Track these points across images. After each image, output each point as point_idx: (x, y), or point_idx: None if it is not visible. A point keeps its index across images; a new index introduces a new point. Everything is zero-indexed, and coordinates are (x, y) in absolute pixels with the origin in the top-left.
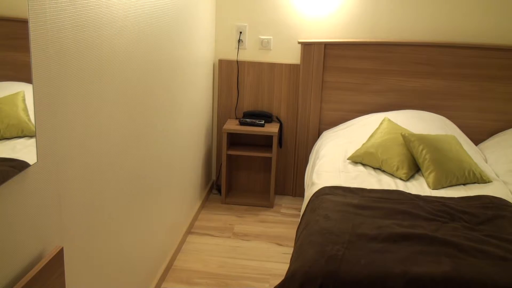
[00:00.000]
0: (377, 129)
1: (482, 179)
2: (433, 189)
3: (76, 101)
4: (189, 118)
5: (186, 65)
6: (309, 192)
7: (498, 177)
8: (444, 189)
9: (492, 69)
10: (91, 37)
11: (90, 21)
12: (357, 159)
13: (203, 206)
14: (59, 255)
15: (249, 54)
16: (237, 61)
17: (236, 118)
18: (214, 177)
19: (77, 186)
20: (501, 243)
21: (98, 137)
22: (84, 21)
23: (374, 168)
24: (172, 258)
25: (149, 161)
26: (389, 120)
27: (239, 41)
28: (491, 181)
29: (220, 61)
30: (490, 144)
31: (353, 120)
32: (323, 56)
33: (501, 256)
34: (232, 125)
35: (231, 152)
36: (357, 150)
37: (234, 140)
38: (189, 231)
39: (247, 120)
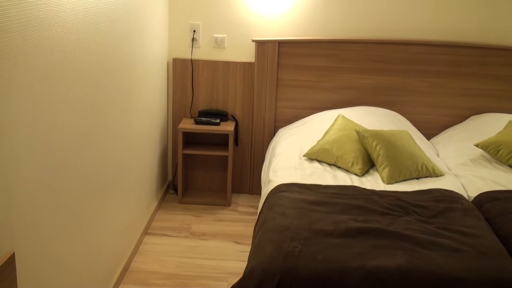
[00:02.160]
0: (332, 125)
1: (434, 173)
2: (387, 184)
3: (23, 102)
4: (144, 117)
5: (139, 64)
6: (265, 190)
7: (449, 170)
8: (398, 183)
9: (442, 65)
10: (40, 36)
11: (39, 20)
12: (313, 156)
13: (159, 206)
14: (11, 260)
15: (203, 52)
16: (191, 59)
17: (192, 117)
18: (170, 177)
19: (27, 187)
20: (453, 235)
21: (48, 138)
22: (32, 20)
23: (330, 165)
24: (129, 259)
25: (102, 162)
26: (343, 116)
27: (193, 39)
28: (443, 175)
29: (174, 60)
30: (442, 138)
31: (308, 117)
32: (277, 54)
33: (454, 247)
34: (188, 124)
35: (187, 152)
36: (312, 147)
37: (190, 139)
38: (145, 232)
39: (202, 119)
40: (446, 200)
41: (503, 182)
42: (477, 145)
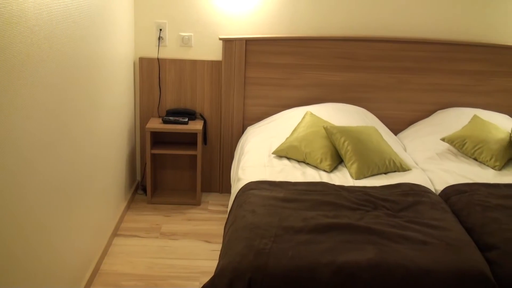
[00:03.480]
0: (300, 123)
1: (402, 168)
2: (356, 179)
3: None
4: (110, 118)
5: (105, 64)
6: (235, 188)
7: (417, 164)
8: (367, 178)
9: (408, 61)
10: (1, 37)
11: (0, 21)
12: (282, 153)
13: (128, 207)
14: None
15: (170, 51)
16: (158, 58)
17: (159, 117)
18: (139, 177)
19: None
20: (421, 228)
21: (13, 140)
22: None
23: (299, 161)
24: (99, 262)
25: (69, 163)
26: (311, 113)
27: (159, 38)
28: (411, 169)
29: (141, 59)
30: (409, 133)
31: (277, 114)
32: (245, 52)
33: (422, 240)
34: (155, 124)
35: (155, 151)
36: (281, 144)
37: (158, 139)
38: (115, 234)
39: (170, 118)
40: (414, 194)
41: (468, 175)
42: (443, 139)
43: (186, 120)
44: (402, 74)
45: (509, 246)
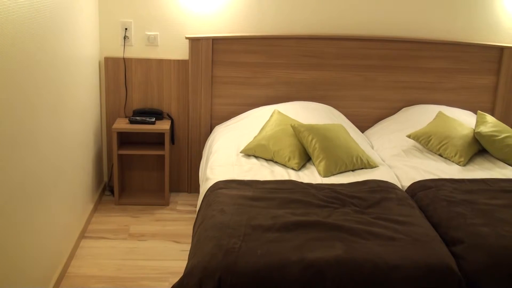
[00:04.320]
0: (268, 121)
1: (369, 165)
2: (324, 177)
3: None
4: (76, 118)
5: (68, 64)
6: (203, 188)
7: (384, 161)
8: (334, 176)
9: (374, 59)
10: None
11: None
12: (250, 152)
13: (95, 208)
14: None
15: (136, 50)
16: (123, 58)
17: (126, 117)
18: (106, 178)
19: None
20: (388, 224)
21: None
22: None
23: (267, 160)
24: (66, 264)
25: (33, 165)
26: (279, 112)
27: (124, 37)
28: (378, 166)
29: (106, 59)
30: (375, 130)
31: (244, 113)
32: (211, 51)
33: (389, 236)
34: (122, 124)
35: (122, 152)
36: (249, 143)
37: (125, 139)
38: (82, 236)
39: (137, 118)
40: (381, 190)
41: (434, 171)
42: (409, 136)
43: (153, 120)
44: (369, 72)
45: (474, 240)
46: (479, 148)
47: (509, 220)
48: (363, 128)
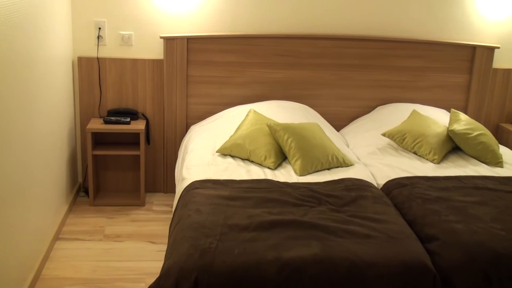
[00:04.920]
0: (244, 120)
1: (344, 163)
2: (300, 176)
3: None
4: (49, 119)
5: (40, 64)
6: (179, 188)
7: (359, 160)
8: (310, 174)
9: (349, 58)
10: None
11: None
12: (226, 151)
13: (70, 210)
14: None
15: (110, 50)
16: (97, 58)
17: (100, 117)
18: (80, 179)
19: None
20: (364, 222)
21: None
22: None
23: (243, 159)
24: (40, 266)
25: (6, 166)
26: (254, 111)
27: (98, 37)
28: (353, 164)
29: (80, 59)
30: (351, 129)
31: (220, 113)
32: (186, 50)
33: (365, 234)
34: (96, 124)
35: (96, 152)
36: (225, 143)
37: (100, 139)
38: (56, 237)
39: (111, 118)
40: (357, 188)
41: (409, 168)
42: (383, 135)
43: (128, 120)
44: (344, 71)
45: (449, 237)
46: (453, 146)
47: (482, 216)
48: (338, 127)
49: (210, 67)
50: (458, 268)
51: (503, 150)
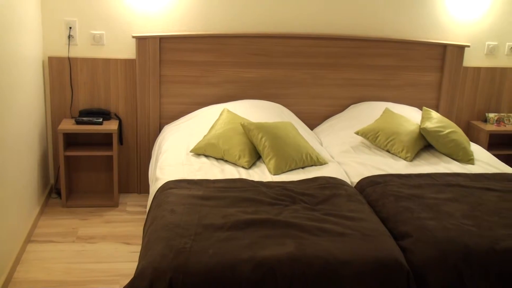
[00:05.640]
0: (217, 120)
1: (318, 162)
2: (274, 175)
3: None
4: (19, 119)
5: (10, 64)
6: (153, 188)
7: (333, 158)
8: (285, 173)
9: (321, 57)
10: None
11: None
12: (200, 151)
13: (42, 212)
14: None
15: (81, 50)
16: (68, 58)
17: (72, 117)
18: (52, 181)
19: None
20: (338, 220)
21: None
22: None
23: (217, 159)
24: (11, 270)
25: None
26: (228, 111)
27: (69, 37)
28: (327, 163)
29: (50, 59)
30: (324, 128)
31: (194, 112)
32: (159, 50)
33: (339, 232)
34: (68, 125)
35: (68, 153)
36: (199, 142)
37: (72, 140)
38: (28, 240)
39: (83, 119)
40: (331, 187)
41: (382, 166)
42: (357, 133)
43: (101, 120)
44: (317, 70)
45: (421, 234)
46: (425, 143)
47: (454, 213)
48: (312, 126)
49: (183, 67)
50: (430, 264)
51: (474, 147)
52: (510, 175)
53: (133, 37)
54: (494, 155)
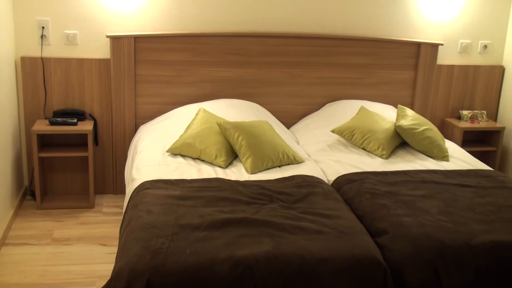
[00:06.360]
0: (194, 119)
1: (295, 160)
2: (251, 174)
3: None
4: None
5: None
6: (129, 188)
7: (309, 156)
8: (261, 172)
9: (298, 56)
10: None
11: None
12: (176, 151)
13: (16, 214)
14: None
15: (55, 50)
16: (41, 58)
17: (46, 118)
18: (26, 182)
19: None
20: (315, 218)
21: None
22: None
23: (194, 159)
24: None
25: None
26: (204, 110)
27: (42, 36)
28: (304, 161)
29: (23, 59)
30: (301, 126)
31: (169, 112)
32: (134, 49)
33: (316, 230)
34: (42, 126)
35: (43, 155)
36: (175, 142)
37: (46, 141)
38: (2, 243)
39: (58, 119)
40: (308, 185)
41: (358, 164)
42: (333, 131)
43: (75, 120)
44: (292, 68)
45: (397, 230)
46: (400, 141)
47: (429, 209)
48: (288, 125)
49: (159, 66)
50: (407, 260)
51: (448, 144)
52: (484, 171)
53: (108, 36)
54: (468, 151)
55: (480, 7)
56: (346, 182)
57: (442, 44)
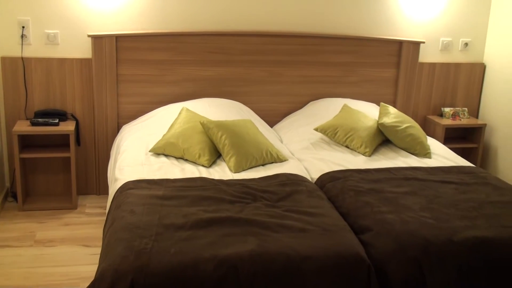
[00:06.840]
0: (177, 119)
1: (279, 159)
2: (234, 173)
3: None
4: None
5: None
6: (112, 189)
7: (293, 155)
8: (245, 171)
9: (279, 55)
10: None
11: None
12: (159, 151)
13: None
14: None
15: (35, 50)
16: (22, 57)
17: (27, 119)
18: (8, 184)
19: None
20: (299, 216)
21: None
22: None
23: (177, 158)
24: None
25: None
26: (187, 109)
27: (22, 36)
28: (287, 160)
29: (3, 59)
30: (284, 125)
31: (152, 112)
32: (116, 49)
33: (300, 228)
34: (23, 127)
35: (24, 156)
36: (158, 142)
37: (28, 142)
38: None
39: (39, 120)
40: (291, 183)
41: (341, 162)
42: (316, 129)
43: (57, 121)
44: (275, 67)
45: (381, 227)
46: (383, 138)
47: (412, 206)
48: (271, 123)
49: (141, 66)
50: (390, 257)
51: (430, 141)
52: (465, 168)
53: (89, 36)
54: (450, 148)
55: (461, 5)
56: (329, 180)
57: (423, 42)
